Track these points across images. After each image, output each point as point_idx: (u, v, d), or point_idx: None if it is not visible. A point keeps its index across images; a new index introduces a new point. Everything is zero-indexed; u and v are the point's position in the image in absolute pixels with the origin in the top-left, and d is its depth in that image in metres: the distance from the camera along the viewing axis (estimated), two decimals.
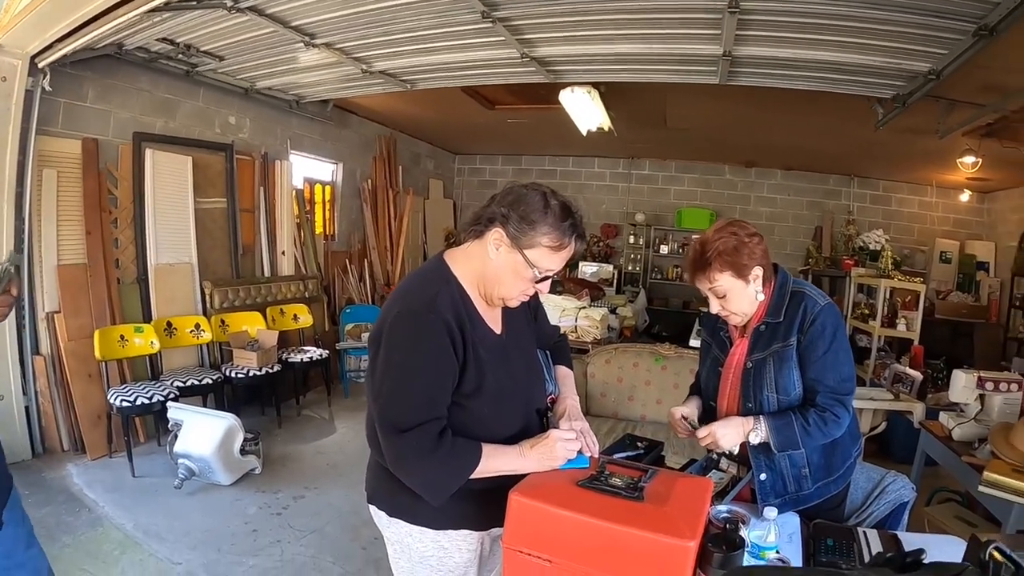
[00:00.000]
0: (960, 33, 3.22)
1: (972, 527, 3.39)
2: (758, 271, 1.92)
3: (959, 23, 3.13)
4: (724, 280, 1.92)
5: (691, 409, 2.21)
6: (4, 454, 1.73)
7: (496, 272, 1.60)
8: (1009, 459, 2.84)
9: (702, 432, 1.94)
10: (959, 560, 1.55)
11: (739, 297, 1.95)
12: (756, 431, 1.93)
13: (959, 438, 3.36)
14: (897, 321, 5.96)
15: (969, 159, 6.00)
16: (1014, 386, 3.39)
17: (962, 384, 3.44)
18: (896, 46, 3.56)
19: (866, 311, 6.38)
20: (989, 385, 3.40)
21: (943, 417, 3.58)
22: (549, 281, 1.65)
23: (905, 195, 9.00)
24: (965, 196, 8.62)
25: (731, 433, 1.93)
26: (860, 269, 6.94)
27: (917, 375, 4.75)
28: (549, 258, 1.57)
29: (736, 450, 1.99)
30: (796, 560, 1.70)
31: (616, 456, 1.90)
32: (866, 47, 3.63)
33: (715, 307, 2.00)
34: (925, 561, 0.82)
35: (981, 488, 2.79)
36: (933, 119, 4.92)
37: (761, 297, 1.97)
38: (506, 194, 1.60)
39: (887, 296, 6.04)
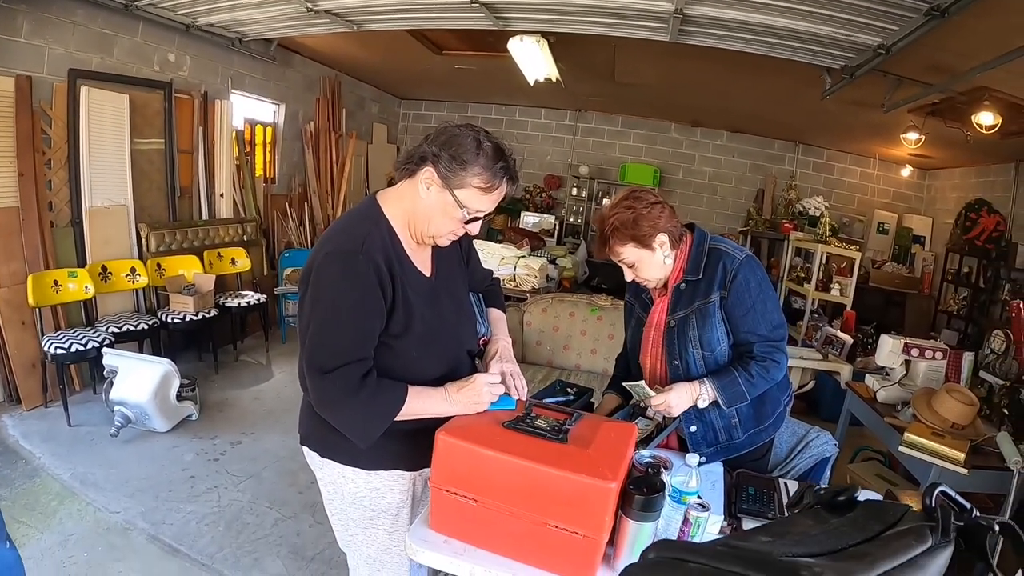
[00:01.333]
0: (912, 11, 3.26)
1: (892, 485, 3.58)
2: (663, 238, 1.96)
3: (912, 1, 3.17)
4: (628, 252, 1.98)
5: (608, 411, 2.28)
6: None
7: (426, 211, 1.60)
8: (930, 423, 3.01)
9: (657, 400, 1.99)
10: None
11: (648, 265, 2.00)
12: (703, 396, 1.99)
13: (883, 400, 3.52)
14: (832, 286, 6.15)
15: (913, 135, 6.14)
16: (939, 354, 3.54)
17: (889, 349, 3.58)
18: (848, 18, 3.58)
19: (802, 274, 6.56)
20: (915, 352, 3.54)
21: (869, 379, 3.74)
22: (479, 223, 1.65)
23: (848, 165, 9.19)
24: (907, 171, 8.86)
25: (682, 400, 1.99)
26: (799, 233, 7.11)
27: (847, 339, 4.93)
28: (479, 199, 1.58)
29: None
30: (717, 506, 1.77)
31: (546, 401, 1.94)
32: (818, 16, 3.65)
33: (628, 275, 2.06)
34: (860, 499, 0.84)
35: (901, 448, 2.94)
36: (880, 93, 5.01)
37: (669, 262, 2.02)
38: (439, 134, 1.59)
39: (823, 261, 6.22)
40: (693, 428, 2.09)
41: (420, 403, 1.58)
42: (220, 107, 6.07)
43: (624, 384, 2.13)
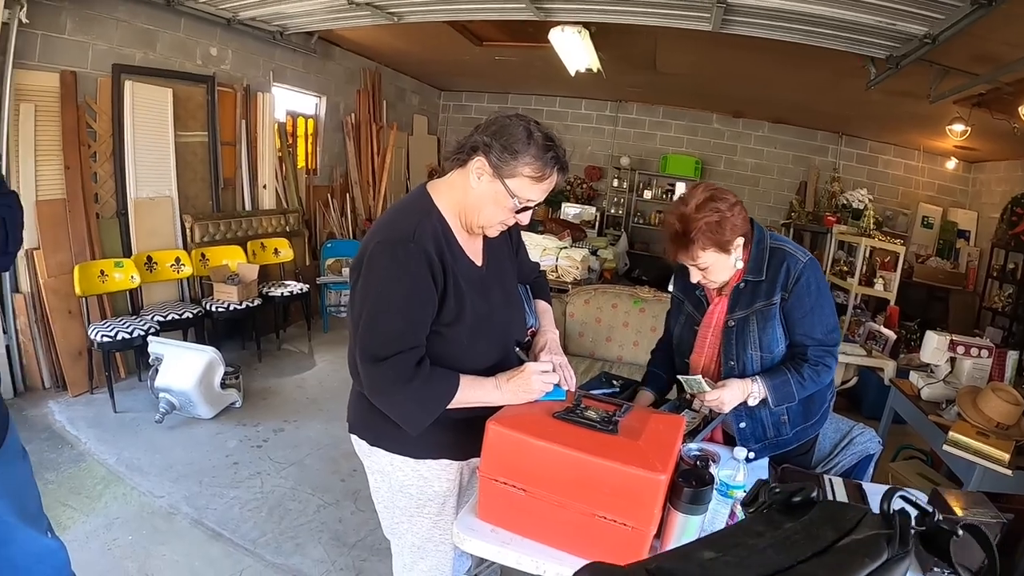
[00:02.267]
0: (959, 0, 3.19)
1: (934, 484, 3.50)
2: (739, 240, 1.92)
3: None
4: (708, 256, 1.91)
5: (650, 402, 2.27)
6: None
7: (477, 201, 1.60)
8: (974, 422, 2.94)
9: (712, 395, 1.95)
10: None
11: (720, 268, 1.95)
12: (754, 394, 1.97)
13: (927, 398, 3.44)
14: (875, 280, 6.03)
15: (958, 127, 5.99)
16: (984, 352, 3.43)
17: (934, 345, 3.48)
18: (893, 6, 3.50)
19: (845, 268, 6.45)
20: (960, 349, 3.45)
21: (913, 376, 3.66)
22: (529, 212, 1.65)
23: (892, 157, 9.00)
24: (952, 164, 8.65)
25: (736, 397, 1.97)
26: (842, 226, 6.97)
27: (891, 334, 4.84)
28: (530, 188, 1.58)
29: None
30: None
31: (593, 392, 1.94)
32: (863, 4, 3.57)
33: (695, 277, 2.00)
34: (816, 499, 0.80)
35: (945, 447, 2.88)
36: (925, 84, 4.89)
37: (740, 265, 1.97)
38: (490, 124, 1.59)
39: (867, 255, 6.10)
40: (743, 424, 2.08)
41: (472, 392, 1.59)
42: (262, 100, 6.16)
43: (679, 377, 2.09)
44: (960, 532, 0.73)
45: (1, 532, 1.78)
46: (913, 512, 0.74)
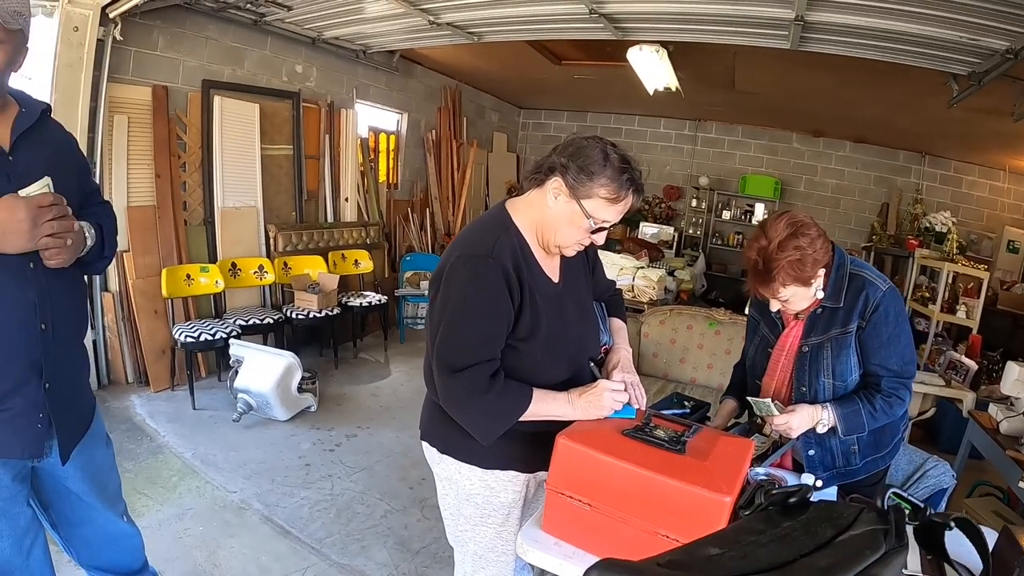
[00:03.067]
0: None
1: (1009, 523, 3.34)
2: (821, 271, 1.89)
3: None
4: (789, 291, 1.89)
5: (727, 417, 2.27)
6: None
7: (554, 220, 1.65)
8: None
9: (780, 420, 1.94)
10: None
11: (801, 298, 1.93)
12: (823, 422, 1.94)
13: (1006, 431, 3.28)
14: (957, 308, 5.80)
15: None
16: None
17: (1015, 377, 3.33)
18: (973, 21, 3.40)
19: (927, 294, 6.22)
20: None
21: (992, 409, 3.50)
22: (605, 232, 1.68)
23: (976, 178, 8.61)
24: None
25: (804, 423, 1.94)
26: (924, 250, 6.73)
27: (972, 364, 4.65)
28: (606, 209, 1.61)
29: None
30: None
31: (663, 412, 1.95)
32: (942, 20, 3.47)
33: (775, 307, 1.98)
34: (813, 500, 0.80)
35: (1022, 484, 2.75)
36: (1009, 101, 4.70)
37: (820, 294, 1.94)
38: (567, 145, 1.63)
39: (949, 281, 5.87)
40: (811, 452, 2.05)
41: (544, 406, 1.63)
42: (345, 116, 6.39)
43: (749, 399, 2.09)
44: (953, 525, 0.73)
45: (81, 512, 1.93)
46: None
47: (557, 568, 1.54)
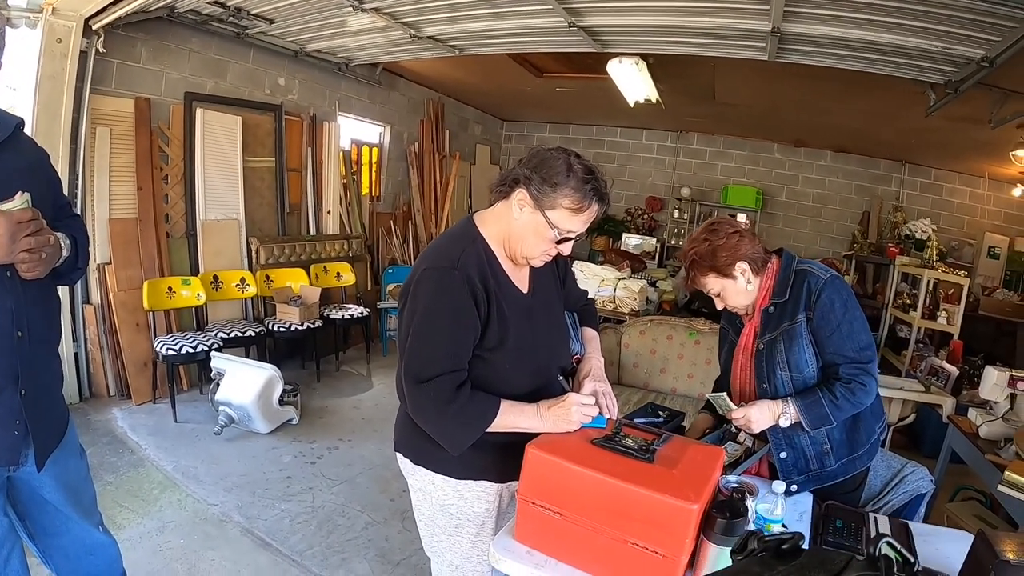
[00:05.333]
0: (1015, 21, 3.12)
1: (991, 527, 3.36)
2: (743, 265, 1.99)
3: (1015, 10, 3.03)
4: (711, 282, 2.03)
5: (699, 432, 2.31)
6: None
7: (520, 232, 1.66)
8: None
9: (738, 413, 2.00)
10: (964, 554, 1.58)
11: (731, 293, 2.04)
12: (786, 414, 1.97)
13: (985, 436, 3.30)
14: (938, 314, 5.84)
15: (1023, 152, 5.81)
16: None
17: (993, 381, 3.37)
18: (949, 30, 3.46)
19: (908, 301, 6.26)
20: (1021, 385, 3.32)
21: (972, 413, 3.53)
22: (571, 243, 1.70)
23: (956, 185, 8.70)
24: (1018, 191, 8.29)
25: (764, 416, 1.98)
26: (904, 258, 6.78)
27: (953, 370, 4.69)
28: (570, 220, 1.62)
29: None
30: (807, 536, 1.75)
31: (636, 421, 1.96)
32: (918, 29, 3.53)
33: (719, 304, 2.12)
34: (805, 547, 0.82)
35: (1000, 487, 2.75)
36: (986, 108, 4.77)
37: (752, 288, 2.03)
38: (531, 156, 1.65)
39: (930, 287, 5.92)
40: (783, 454, 2.06)
41: (512, 417, 1.64)
42: (328, 128, 6.40)
43: (708, 396, 2.16)
44: None
45: (58, 522, 1.92)
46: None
47: None
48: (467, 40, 5.16)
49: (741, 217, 9.18)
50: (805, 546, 1.59)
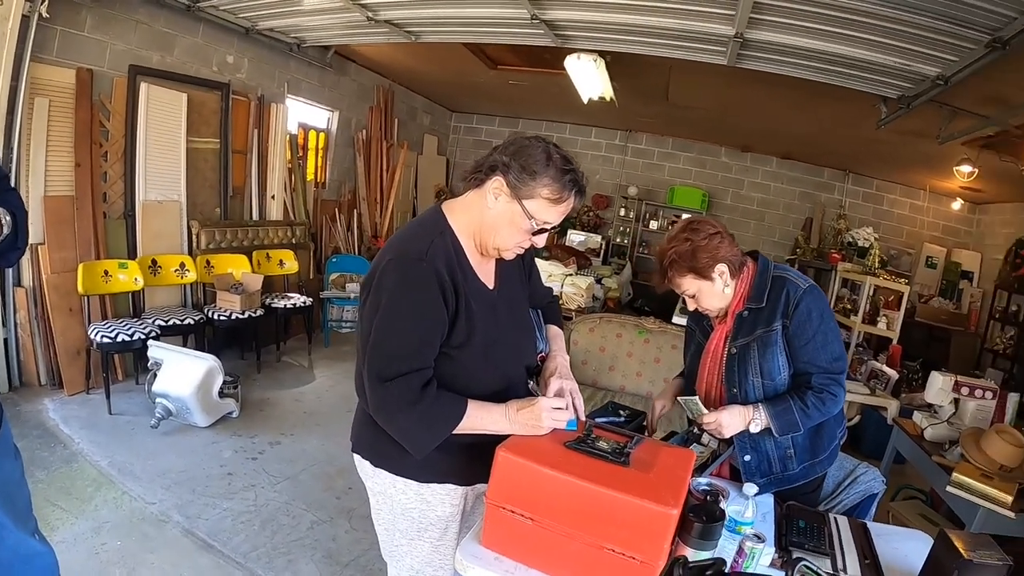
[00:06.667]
0: (973, 43, 3.22)
1: (934, 526, 3.47)
2: (722, 267, 1.96)
3: (973, 32, 3.13)
4: (688, 283, 1.99)
5: (668, 400, 2.30)
6: None
7: (494, 222, 1.59)
8: (978, 464, 2.93)
9: (709, 418, 1.97)
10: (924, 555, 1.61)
11: (708, 295, 2.01)
12: (756, 420, 1.97)
13: (931, 438, 3.43)
14: (878, 319, 6.01)
15: (966, 168, 6.03)
16: (988, 393, 3.45)
17: (939, 386, 3.49)
18: (908, 47, 3.55)
19: (848, 306, 6.42)
20: (965, 390, 3.46)
21: (917, 416, 3.66)
22: (546, 235, 1.64)
23: (898, 196, 9.05)
24: (957, 204, 8.70)
25: (735, 422, 1.97)
26: (847, 264, 6.96)
27: (893, 373, 4.83)
28: (548, 210, 1.56)
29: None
30: (768, 538, 1.73)
31: (599, 421, 1.92)
32: (878, 44, 3.61)
33: (691, 305, 2.08)
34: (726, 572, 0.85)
35: (949, 488, 2.86)
36: (935, 124, 4.93)
37: (729, 291, 2.01)
38: (509, 144, 1.58)
39: (871, 293, 6.09)
40: (747, 457, 2.06)
41: (479, 419, 1.56)
42: (275, 110, 6.20)
43: (678, 399, 2.13)
44: None
45: None
46: None
47: None
48: (425, 26, 5.06)
49: (686, 218, 9.30)
50: (770, 546, 1.63)
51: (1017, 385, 6.03)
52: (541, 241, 1.66)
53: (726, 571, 0.85)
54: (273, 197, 6.28)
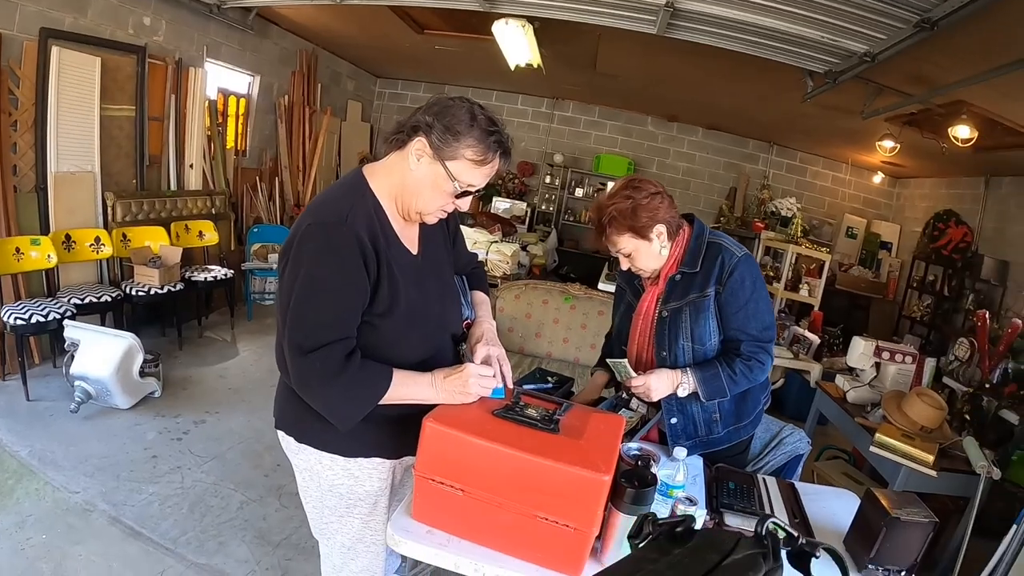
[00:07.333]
0: (902, 22, 3.30)
1: (858, 484, 3.65)
2: (660, 228, 1.96)
3: (903, 11, 3.21)
4: (625, 242, 1.98)
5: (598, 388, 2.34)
6: None
7: (416, 184, 1.54)
8: (899, 424, 3.08)
9: (638, 381, 1.99)
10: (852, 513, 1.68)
11: (644, 255, 2.00)
12: (684, 384, 1.99)
13: (853, 401, 3.58)
14: (800, 286, 6.22)
15: (888, 143, 6.25)
16: (908, 358, 3.62)
17: (860, 351, 3.64)
18: (837, 23, 3.62)
19: (771, 274, 6.62)
20: (886, 354, 3.63)
21: (839, 380, 3.80)
22: (470, 198, 1.60)
23: (820, 168, 9.34)
24: (878, 178, 9.05)
25: (663, 386, 1.99)
26: (770, 233, 7.18)
27: (815, 339, 5.00)
28: (471, 172, 1.52)
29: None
30: (700, 500, 1.77)
31: (526, 387, 1.91)
32: (808, 19, 3.67)
33: (624, 265, 2.06)
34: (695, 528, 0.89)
35: (872, 448, 2.99)
36: (860, 100, 5.07)
37: (665, 252, 2.02)
38: (432, 104, 1.53)
39: (793, 261, 6.29)
40: (674, 420, 2.10)
41: (405, 389, 1.53)
42: (194, 75, 5.90)
43: (607, 360, 2.14)
44: (819, 554, 0.86)
45: None
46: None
47: (432, 557, 1.46)
48: None
49: (611, 185, 9.41)
50: (701, 508, 1.67)
51: (934, 350, 6.35)
52: (465, 204, 1.62)
53: (694, 527, 0.87)
54: (191, 166, 6.00)
